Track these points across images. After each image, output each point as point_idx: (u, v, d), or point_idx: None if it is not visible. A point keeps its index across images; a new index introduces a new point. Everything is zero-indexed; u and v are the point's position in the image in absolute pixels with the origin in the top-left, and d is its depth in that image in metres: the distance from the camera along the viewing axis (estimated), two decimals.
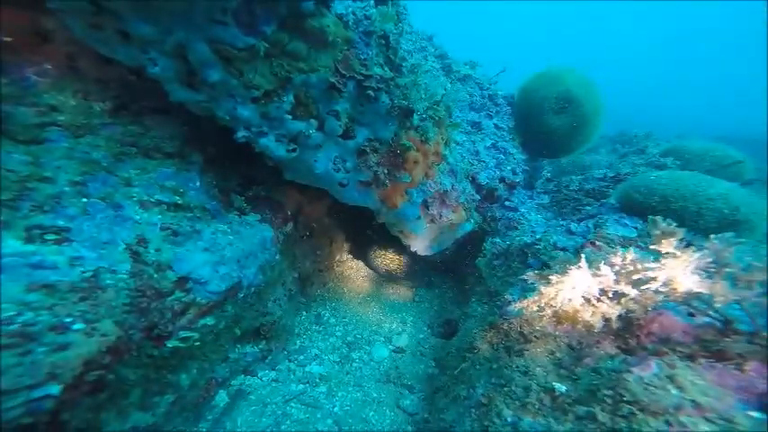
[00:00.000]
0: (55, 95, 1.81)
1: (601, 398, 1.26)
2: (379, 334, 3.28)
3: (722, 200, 1.89)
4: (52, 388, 1.08)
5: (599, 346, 1.48)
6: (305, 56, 1.84)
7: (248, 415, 2.28)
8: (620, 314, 1.44)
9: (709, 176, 2.06)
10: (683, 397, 1.16)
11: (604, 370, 1.35)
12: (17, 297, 1.12)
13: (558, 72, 3.16)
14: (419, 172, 2.43)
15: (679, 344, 1.34)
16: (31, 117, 1.69)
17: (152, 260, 1.57)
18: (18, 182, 1.32)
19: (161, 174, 1.94)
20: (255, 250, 2.14)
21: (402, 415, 2.39)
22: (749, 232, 1.91)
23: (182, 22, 1.62)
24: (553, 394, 1.40)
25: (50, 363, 1.08)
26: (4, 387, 0.97)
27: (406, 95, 2.14)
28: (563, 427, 1.27)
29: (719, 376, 1.22)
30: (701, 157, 2.89)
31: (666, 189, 2.00)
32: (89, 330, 1.19)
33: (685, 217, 1.95)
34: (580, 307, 1.49)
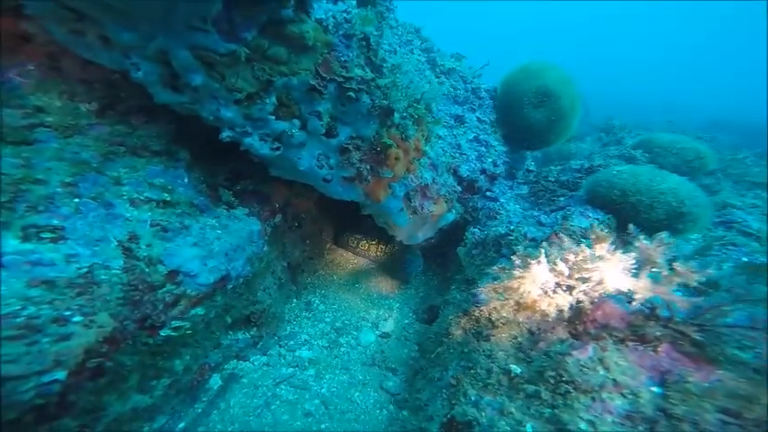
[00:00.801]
0: (40, 97, 1.86)
1: (546, 378, 1.42)
2: (366, 320, 3.44)
3: (671, 194, 2.04)
4: (58, 373, 1.21)
5: (553, 332, 1.64)
6: (286, 60, 1.91)
7: (241, 397, 2.44)
8: (571, 304, 1.59)
9: (664, 172, 2.21)
10: (607, 377, 1.33)
11: (553, 353, 1.51)
12: (20, 292, 1.23)
13: (537, 67, 3.24)
14: (401, 167, 2.53)
15: (615, 329, 1.50)
16: (18, 119, 1.74)
17: (143, 255, 1.68)
18: (12, 184, 1.41)
19: (149, 172, 2.02)
20: (243, 243, 2.26)
21: (385, 395, 2.57)
22: (693, 223, 2.08)
23: (162, 29, 1.67)
24: (510, 375, 1.57)
25: (55, 351, 1.20)
26: (17, 373, 1.10)
27: (387, 95, 2.22)
28: (514, 405, 1.43)
29: (640, 357, 1.39)
30: (667, 150, 3.02)
31: (625, 183, 2.15)
32: (87, 322, 1.31)
33: (640, 209, 2.11)
34: (538, 297, 1.64)
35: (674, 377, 1.31)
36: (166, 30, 1.69)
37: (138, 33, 1.70)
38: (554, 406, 1.34)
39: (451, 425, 1.65)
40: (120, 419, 1.66)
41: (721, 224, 2.70)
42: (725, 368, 1.31)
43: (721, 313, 1.40)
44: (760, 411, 1.16)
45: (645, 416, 1.23)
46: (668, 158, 3.02)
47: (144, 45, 1.74)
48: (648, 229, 2.27)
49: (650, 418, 1.23)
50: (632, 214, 2.16)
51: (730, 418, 1.17)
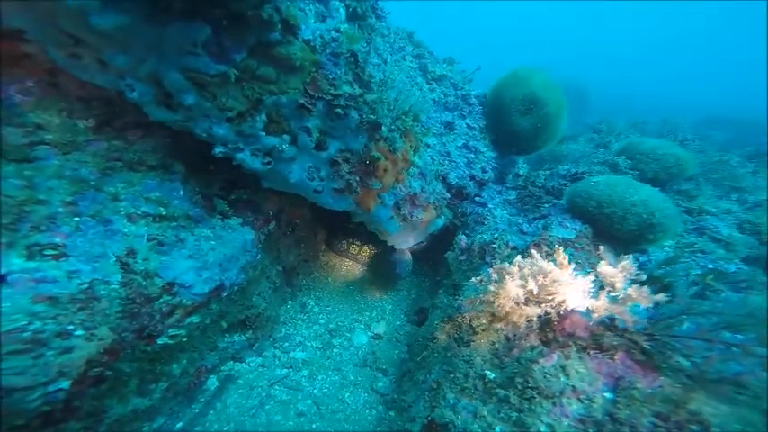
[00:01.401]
0: (40, 114, 1.94)
1: (515, 384, 1.53)
2: (359, 321, 3.55)
3: (642, 206, 2.14)
4: (63, 383, 1.32)
5: (527, 339, 1.74)
6: (275, 79, 1.99)
7: (236, 397, 2.56)
8: (539, 315, 1.69)
9: (637, 183, 2.30)
10: (567, 383, 1.44)
11: (523, 360, 1.62)
12: (26, 308, 1.34)
13: (524, 74, 3.31)
14: (389, 178, 2.62)
15: (580, 338, 1.61)
16: (19, 137, 1.83)
17: (140, 269, 1.78)
18: (16, 206, 1.51)
19: (146, 186, 2.12)
20: (237, 253, 2.36)
21: (375, 396, 2.69)
22: (663, 233, 2.18)
23: (153, 53, 1.76)
24: (485, 380, 1.67)
25: (59, 363, 1.31)
26: (24, 384, 1.21)
27: (374, 110, 2.30)
28: (486, 408, 1.54)
29: (599, 364, 1.50)
30: (648, 156, 3.10)
31: (601, 195, 2.24)
32: (88, 336, 1.41)
33: (614, 220, 2.21)
34: (510, 310, 1.74)
35: (625, 383, 1.42)
36: (158, 54, 1.77)
37: (131, 57, 1.79)
38: (520, 410, 1.45)
39: (431, 426, 1.77)
40: (121, 420, 1.77)
41: (695, 230, 2.80)
42: (665, 374, 1.42)
43: (670, 324, 1.50)
44: (684, 414, 1.27)
45: (595, 419, 1.34)
46: (650, 165, 3.10)
47: (137, 68, 1.83)
48: (622, 240, 2.38)
49: (599, 422, 1.34)
50: (607, 225, 2.26)
51: (660, 421, 1.28)
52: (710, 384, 1.34)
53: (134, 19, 1.61)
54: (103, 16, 1.56)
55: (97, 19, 1.55)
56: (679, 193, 3.12)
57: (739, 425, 1.20)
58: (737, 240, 2.69)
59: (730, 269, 2.31)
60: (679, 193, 3.13)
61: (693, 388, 1.35)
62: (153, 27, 1.66)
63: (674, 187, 3.19)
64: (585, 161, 3.36)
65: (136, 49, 1.75)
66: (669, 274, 1.92)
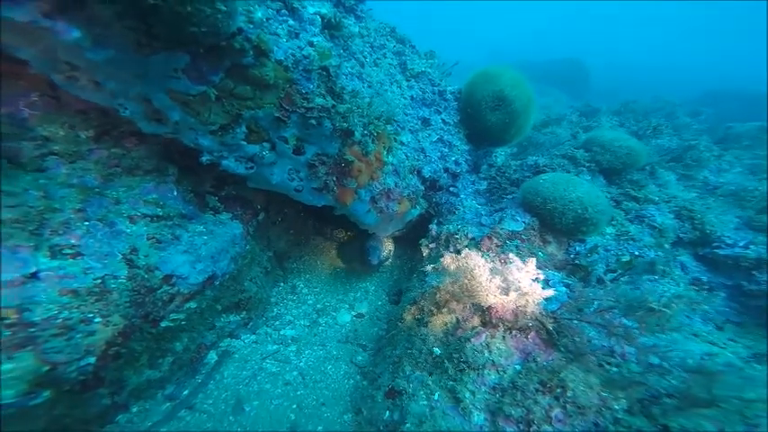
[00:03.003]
0: (46, 127, 2.19)
1: (453, 358, 1.88)
2: (344, 302, 3.93)
3: (578, 202, 2.43)
4: (90, 359, 1.67)
5: (470, 321, 2.09)
6: (251, 96, 2.22)
7: (233, 369, 2.95)
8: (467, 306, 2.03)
9: (577, 181, 2.58)
10: (488, 358, 1.79)
11: (463, 338, 1.97)
12: (56, 300, 1.66)
13: (494, 72, 3.49)
14: (364, 177, 2.89)
15: (508, 320, 1.94)
16: (32, 150, 2.09)
17: (143, 264, 2.10)
18: (38, 214, 1.80)
19: (143, 189, 2.40)
20: (227, 246, 2.67)
21: (354, 368, 3.09)
22: (594, 226, 2.48)
23: (140, 79, 1.99)
24: (433, 356, 2.03)
25: (86, 344, 1.65)
26: (63, 360, 1.56)
27: (346, 119, 2.54)
28: (431, 379, 1.91)
29: (517, 341, 1.84)
30: (605, 148, 3.34)
31: (546, 192, 2.53)
32: (105, 322, 1.75)
33: (555, 214, 2.51)
34: (447, 300, 2.07)
35: (530, 358, 1.77)
36: (145, 79, 2.00)
37: (121, 82, 2.02)
38: (454, 380, 1.81)
39: (391, 392, 2.15)
40: (138, 388, 2.16)
41: (636, 218, 3.10)
42: (558, 350, 1.77)
43: (580, 307, 1.83)
44: (556, 381, 1.62)
45: (502, 387, 1.70)
46: (605, 156, 3.34)
47: (127, 90, 2.06)
48: (562, 231, 2.69)
49: (504, 389, 1.70)
50: (550, 218, 2.55)
51: (540, 386, 1.63)
52: (581, 357, 1.69)
53: (121, 52, 1.83)
54: (96, 51, 1.79)
55: (91, 54, 1.79)
56: (631, 183, 3.39)
57: (582, 386, 1.56)
58: (668, 227, 3.00)
59: (650, 255, 2.64)
60: (631, 182, 3.40)
61: (571, 360, 1.70)
62: (138, 58, 1.88)
63: (626, 176, 3.45)
64: (550, 153, 3.60)
65: (125, 75, 1.98)
66: (591, 263, 2.23)
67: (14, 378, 1.49)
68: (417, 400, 1.89)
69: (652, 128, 5.29)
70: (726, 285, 2.94)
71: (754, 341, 2.62)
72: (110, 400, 2.01)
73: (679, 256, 3.25)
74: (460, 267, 2.07)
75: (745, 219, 3.83)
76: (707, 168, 4.88)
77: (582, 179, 3.29)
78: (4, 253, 1.57)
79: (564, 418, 1.57)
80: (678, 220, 3.29)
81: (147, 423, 2.37)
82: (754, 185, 4.27)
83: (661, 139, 5.50)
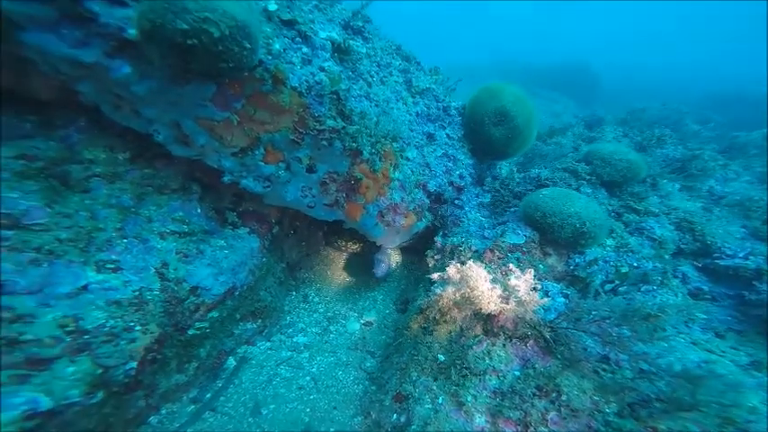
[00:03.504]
0: (92, 151, 2.42)
1: (456, 364, 2.02)
2: (353, 310, 4.09)
3: (576, 217, 2.55)
4: (132, 364, 1.87)
5: (474, 330, 2.22)
6: (269, 120, 2.44)
7: (250, 374, 3.13)
8: (468, 315, 2.17)
9: (575, 195, 2.70)
10: (489, 364, 1.92)
11: (466, 346, 2.10)
12: (103, 310, 1.87)
13: (497, 89, 3.66)
14: (372, 193, 3.08)
15: (508, 329, 2.08)
16: (80, 172, 2.32)
17: (172, 277, 2.31)
18: (86, 234, 2.03)
19: (171, 207, 2.62)
20: (245, 259, 2.87)
21: (363, 373, 3.24)
22: (592, 239, 2.59)
23: (174, 107, 2.22)
24: (437, 362, 2.17)
25: (129, 350, 1.85)
26: (113, 363, 1.77)
27: (355, 139, 2.74)
28: (436, 384, 2.05)
29: (516, 349, 1.97)
30: (605, 161, 3.44)
31: (546, 206, 2.66)
32: (144, 330, 1.95)
33: (554, 228, 2.63)
34: (449, 308, 2.22)
35: (529, 364, 1.89)
36: (177, 107, 2.24)
37: (158, 110, 2.26)
38: (457, 384, 1.95)
39: (398, 396, 2.29)
40: (167, 392, 2.35)
41: (636, 230, 3.19)
42: (555, 357, 1.89)
43: (579, 317, 1.95)
44: (552, 385, 1.74)
45: (502, 391, 1.82)
46: (606, 169, 3.44)
47: (161, 117, 2.30)
48: (561, 244, 2.82)
49: (504, 393, 1.82)
50: (549, 232, 2.68)
51: (537, 391, 1.75)
52: (576, 363, 1.81)
53: (160, 84, 2.07)
54: (140, 84, 2.03)
55: (136, 87, 2.03)
56: (631, 195, 3.49)
57: (576, 391, 1.68)
58: (668, 239, 3.08)
59: (648, 266, 2.73)
60: (631, 194, 3.49)
61: (567, 366, 1.83)
62: (174, 89, 2.12)
63: (627, 189, 3.55)
64: (552, 166, 3.73)
65: (161, 104, 2.22)
66: (590, 274, 2.35)
67: (77, 380, 1.70)
68: (423, 403, 2.03)
69: (656, 138, 5.36)
70: (727, 295, 3.00)
71: (755, 349, 2.68)
72: (144, 402, 2.21)
73: (681, 267, 3.33)
74: (463, 277, 2.22)
75: (751, 229, 3.88)
76: (713, 178, 4.91)
77: (582, 193, 3.41)
78: (62, 268, 1.79)
79: (559, 421, 1.69)
80: (679, 231, 3.36)
81: (175, 424, 2.55)
82: (759, 195, 4.30)
83: (666, 148, 5.56)
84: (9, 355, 1.59)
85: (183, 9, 1.70)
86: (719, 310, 2.96)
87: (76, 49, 1.78)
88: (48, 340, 1.66)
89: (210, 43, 1.82)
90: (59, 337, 1.69)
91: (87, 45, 1.79)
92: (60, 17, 1.71)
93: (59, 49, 1.76)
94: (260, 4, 2.56)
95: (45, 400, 1.59)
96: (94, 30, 1.77)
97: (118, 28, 1.79)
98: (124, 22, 1.79)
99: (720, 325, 2.89)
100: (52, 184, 1.97)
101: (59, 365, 1.67)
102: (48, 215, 1.87)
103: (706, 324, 2.92)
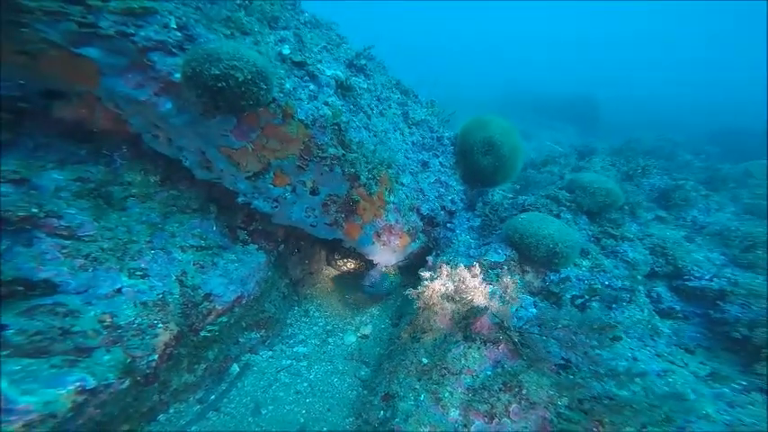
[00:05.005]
0: (130, 174, 2.79)
1: (437, 365, 2.28)
2: (351, 324, 4.34)
3: (550, 238, 2.85)
4: (154, 356, 2.17)
5: (455, 336, 2.49)
6: (279, 148, 2.85)
7: (252, 379, 3.38)
8: (455, 311, 2.44)
9: (548, 219, 3.01)
10: (465, 364, 2.18)
11: (446, 349, 2.36)
12: (133, 309, 2.20)
13: (486, 120, 4.07)
14: (369, 214, 3.43)
15: (484, 335, 2.34)
16: (120, 192, 2.71)
17: (190, 284, 2.64)
18: (123, 245, 2.39)
19: (191, 225, 2.99)
20: (253, 272, 3.20)
21: (357, 381, 3.46)
22: (565, 259, 2.88)
23: (200, 138, 2.64)
24: (421, 364, 2.43)
25: (153, 343, 2.16)
26: (139, 354, 2.07)
27: (354, 165, 3.13)
28: (419, 383, 2.30)
29: (489, 351, 2.23)
30: (585, 190, 3.76)
31: (523, 229, 2.97)
32: (165, 328, 2.26)
33: (531, 248, 2.93)
34: (435, 302, 2.51)
35: (499, 364, 2.14)
36: (204, 137, 2.65)
37: (188, 139, 2.68)
38: (437, 383, 2.20)
39: (386, 396, 2.54)
40: (177, 390, 2.62)
41: (611, 253, 3.46)
42: (522, 358, 2.14)
43: (548, 325, 2.22)
44: (515, 381, 1.99)
45: (472, 387, 2.07)
46: (585, 198, 3.78)
47: (190, 146, 2.72)
48: (537, 262, 3.11)
49: (474, 389, 2.07)
50: (526, 251, 2.97)
51: (503, 386, 2.00)
52: (537, 362, 2.06)
53: (193, 117, 2.49)
54: (178, 118, 2.45)
55: (175, 120, 2.45)
56: (609, 221, 3.78)
57: (535, 386, 1.93)
58: (639, 261, 3.34)
59: (618, 285, 2.98)
60: (610, 221, 3.79)
61: (530, 365, 2.08)
62: (203, 121, 2.54)
63: (606, 216, 3.85)
64: (536, 194, 4.06)
65: (191, 134, 2.64)
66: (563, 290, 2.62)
67: (112, 366, 2.00)
68: (406, 400, 2.27)
69: (641, 168, 5.70)
70: (696, 314, 3.22)
71: (720, 364, 2.89)
72: (158, 397, 2.48)
73: (656, 287, 3.57)
74: (453, 274, 2.54)
75: (730, 256, 4.12)
76: (695, 208, 5.20)
77: (563, 218, 3.72)
78: (102, 273, 2.15)
79: (519, 412, 1.92)
80: (653, 255, 3.62)
81: (182, 422, 2.80)
82: (736, 226, 4.56)
83: (652, 178, 5.88)
84: (62, 343, 1.91)
85: (217, 58, 2.14)
86: (690, 327, 3.18)
87: (135, 90, 2.22)
88: (90, 332, 1.98)
89: (235, 85, 2.24)
90: (99, 330, 2.02)
91: (143, 87, 2.23)
92: (129, 65, 2.16)
93: (124, 90, 2.21)
94: (276, 49, 3.04)
95: (90, 379, 1.89)
96: (150, 74, 2.22)
97: (167, 73, 2.24)
98: (173, 68, 2.24)
99: (691, 341, 3.10)
100: (98, 203, 2.36)
101: (98, 353, 1.98)
102: (95, 228, 2.25)
103: (677, 340, 3.13)
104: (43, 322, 1.87)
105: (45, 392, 1.74)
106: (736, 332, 2.90)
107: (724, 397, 2.42)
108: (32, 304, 1.87)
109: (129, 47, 2.10)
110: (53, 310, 1.92)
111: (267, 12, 3.15)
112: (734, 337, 2.90)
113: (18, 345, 1.78)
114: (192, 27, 2.28)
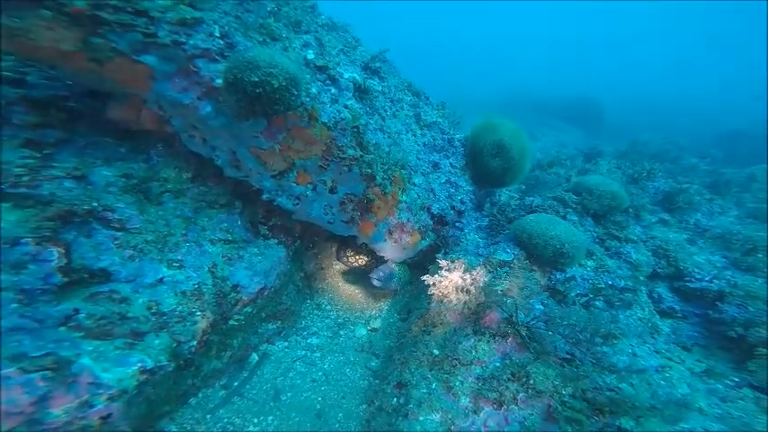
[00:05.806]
0: (165, 171, 2.96)
1: (448, 356, 2.45)
2: (361, 318, 4.53)
3: (556, 239, 3.00)
4: (193, 342, 2.37)
5: (465, 329, 2.66)
6: (303, 149, 3.02)
7: (270, 368, 3.57)
8: (465, 301, 2.62)
9: (555, 220, 3.16)
10: (476, 356, 2.35)
11: (456, 342, 2.54)
12: (174, 298, 2.40)
13: (495, 123, 4.22)
14: (382, 213, 3.61)
15: (493, 328, 2.51)
16: (157, 188, 2.88)
17: (220, 275, 2.83)
18: (162, 237, 2.58)
19: (219, 219, 3.18)
20: (274, 265, 3.39)
21: (368, 371, 3.65)
22: (571, 259, 3.03)
23: (234, 139, 2.82)
24: (432, 355, 2.61)
25: (192, 330, 2.36)
26: (183, 339, 2.27)
27: (370, 166, 3.30)
28: (431, 373, 2.48)
29: (498, 344, 2.40)
30: (591, 193, 3.90)
31: (531, 229, 3.13)
32: (202, 316, 2.45)
33: (538, 248, 3.09)
34: (449, 291, 2.68)
35: (507, 356, 2.32)
36: (237, 138, 2.83)
37: (221, 140, 2.86)
38: (448, 373, 2.38)
39: (398, 384, 2.72)
40: (206, 376, 2.82)
41: (615, 254, 3.61)
42: (529, 351, 2.31)
43: (554, 321, 2.39)
44: (523, 372, 2.16)
45: (484, 377, 2.25)
46: (591, 201, 3.92)
47: (222, 146, 2.90)
48: (544, 262, 3.27)
49: (485, 378, 2.25)
50: (534, 251, 3.13)
51: (511, 376, 2.17)
52: (544, 355, 2.23)
53: (229, 120, 2.67)
54: (216, 119, 2.63)
55: (212, 122, 2.62)
56: (614, 224, 3.92)
57: (541, 377, 2.10)
58: (642, 262, 3.50)
59: (621, 284, 3.14)
60: (614, 223, 3.93)
61: (536, 357, 2.25)
62: (237, 123, 2.71)
63: (611, 218, 3.99)
64: (543, 195, 4.21)
65: (225, 135, 2.81)
66: (568, 288, 2.78)
67: (162, 350, 2.20)
68: (419, 388, 2.45)
69: (647, 171, 5.82)
70: (695, 314, 3.37)
71: (715, 361, 3.05)
72: (191, 381, 2.69)
73: (657, 288, 3.72)
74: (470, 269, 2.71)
75: (731, 259, 4.26)
76: (699, 211, 5.32)
77: (569, 220, 3.87)
78: (147, 263, 2.34)
79: (526, 400, 2.09)
80: (656, 257, 3.77)
81: (210, 405, 3.00)
82: (737, 229, 4.69)
83: (657, 181, 6.00)
84: (121, 327, 2.11)
85: (256, 66, 2.31)
86: (688, 326, 3.33)
87: (180, 94, 2.40)
88: (142, 318, 2.18)
89: (271, 91, 2.41)
90: (148, 317, 2.21)
91: (187, 91, 2.41)
92: (177, 71, 2.34)
93: (170, 94, 2.39)
94: (302, 54, 3.20)
95: (149, 360, 2.09)
96: (195, 79, 2.40)
97: (210, 78, 2.41)
98: (215, 74, 2.41)
99: (688, 340, 3.26)
100: (140, 198, 2.55)
101: (149, 338, 2.18)
102: (140, 221, 2.44)
103: (675, 339, 3.29)
104: (105, 308, 2.07)
105: (116, 371, 1.95)
106: (732, 331, 3.05)
107: (717, 392, 2.59)
108: (92, 291, 2.07)
109: (180, 54, 2.27)
110: (110, 297, 2.11)
111: (292, 17, 3.31)
112: (730, 336, 3.05)
113: (88, 327, 1.99)
114: (232, 35, 2.45)
